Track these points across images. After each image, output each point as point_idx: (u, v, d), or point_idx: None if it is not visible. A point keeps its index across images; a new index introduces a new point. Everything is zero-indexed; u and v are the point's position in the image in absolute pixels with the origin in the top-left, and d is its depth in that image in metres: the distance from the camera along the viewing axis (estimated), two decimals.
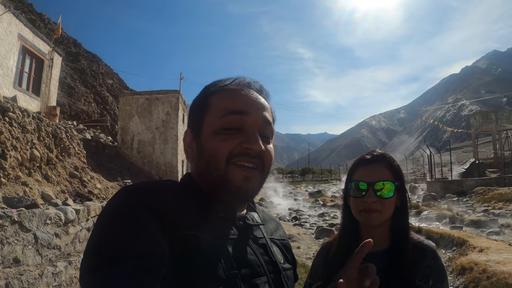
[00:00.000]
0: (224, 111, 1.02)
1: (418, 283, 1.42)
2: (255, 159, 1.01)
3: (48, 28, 38.93)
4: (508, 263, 6.83)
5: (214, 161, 1.00)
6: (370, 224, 1.53)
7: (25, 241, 5.26)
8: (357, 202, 1.54)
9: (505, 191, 19.16)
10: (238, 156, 0.99)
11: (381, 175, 1.52)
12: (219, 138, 1.00)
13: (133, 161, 22.72)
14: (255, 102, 1.07)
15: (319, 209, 23.12)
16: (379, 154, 1.61)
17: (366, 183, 1.51)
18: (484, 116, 37.55)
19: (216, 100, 1.07)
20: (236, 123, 1.02)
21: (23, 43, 15.14)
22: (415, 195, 25.66)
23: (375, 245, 1.56)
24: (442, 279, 1.45)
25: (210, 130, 1.03)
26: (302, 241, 12.02)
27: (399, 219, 1.56)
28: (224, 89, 1.09)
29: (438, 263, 1.47)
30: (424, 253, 1.49)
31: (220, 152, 0.99)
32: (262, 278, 0.99)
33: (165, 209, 0.90)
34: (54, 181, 10.25)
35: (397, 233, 1.54)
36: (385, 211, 1.50)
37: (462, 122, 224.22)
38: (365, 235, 1.56)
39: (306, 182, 55.43)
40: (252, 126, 1.03)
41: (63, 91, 33.39)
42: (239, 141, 1.00)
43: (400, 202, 1.55)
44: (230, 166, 0.99)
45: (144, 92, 24.50)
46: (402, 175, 1.59)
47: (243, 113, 1.03)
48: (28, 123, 10.13)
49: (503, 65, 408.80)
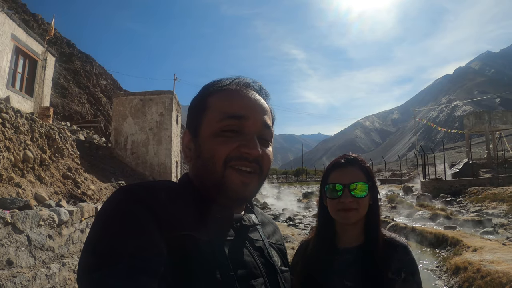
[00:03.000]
0: (223, 114, 1.02)
1: (391, 276, 1.50)
2: (253, 163, 1.01)
3: (41, 28, 38.73)
4: (502, 262, 6.87)
5: (212, 163, 0.99)
6: (347, 222, 1.63)
7: (18, 243, 5.23)
8: (334, 203, 1.64)
9: (498, 191, 19.28)
10: (236, 159, 0.99)
11: (355, 176, 1.63)
12: (218, 141, 1.00)
13: (126, 162, 22.61)
14: (254, 105, 1.06)
15: (313, 209, 23.15)
16: (352, 157, 1.72)
17: (342, 184, 1.62)
18: (478, 117, 37.77)
19: (215, 101, 1.06)
20: (235, 126, 1.01)
21: (16, 43, 15.05)
22: (409, 196, 25.76)
23: (350, 242, 1.64)
24: (414, 272, 1.52)
25: (208, 131, 1.02)
26: (296, 242, 12.02)
27: (372, 217, 1.67)
28: (223, 89, 1.09)
29: (409, 257, 1.55)
30: (395, 248, 1.57)
31: (218, 154, 0.99)
32: (259, 280, 0.99)
33: (162, 209, 0.90)
34: (47, 182, 10.19)
35: (370, 229, 1.65)
36: (360, 209, 1.61)
37: (455, 123, 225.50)
38: (341, 232, 1.70)
39: (300, 182, 55.49)
40: (251, 130, 1.02)
41: (57, 92, 33.26)
42: (237, 144, 0.99)
43: (372, 200, 1.67)
44: (228, 169, 0.99)
45: (138, 93, 24.40)
46: (373, 176, 1.72)
47: (242, 117, 1.02)
48: (21, 124, 10.07)
49: (496, 66, 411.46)
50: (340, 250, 1.65)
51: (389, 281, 1.48)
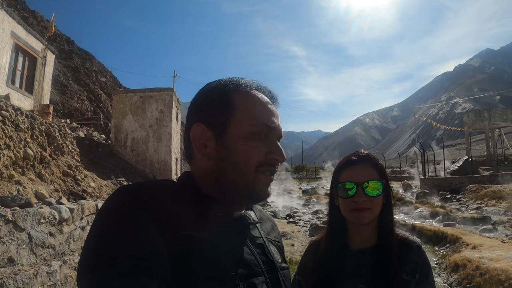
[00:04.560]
0: (257, 120, 1.03)
1: (405, 277, 1.47)
2: (274, 167, 1.05)
3: (41, 25, 38.63)
4: (501, 260, 6.89)
5: (244, 167, 1.00)
6: (361, 222, 1.57)
7: (20, 241, 5.23)
8: (347, 202, 1.57)
9: (498, 189, 19.26)
10: (265, 165, 1.02)
11: (368, 175, 1.57)
12: (251, 145, 1.01)
13: (126, 159, 22.61)
14: (276, 113, 1.10)
15: (313, 206, 23.18)
16: (365, 154, 1.66)
17: (354, 183, 1.55)
18: (477, 114, 37.77)
19: (245, 103, 1.05)
20: (264, 132, 1.03)
21: (16, 40, 15.03)
22: (408, 193, 25.76)
23: (363, 243, 1.60)
24: (428, 273, 1.50)
25: (240, 133, 1.01)
26: (296, 239, 12.03)
27: (385, 216, 1.62)
28: (250, 93, 1.08)
29: (423, 257, 1.53)
30: (409, 249, 1.54)
31: (252, 159, 1.00)
32: (260, 278, 1.00)
33: (163, 209, 0.90)
34: (47, 179, 10.20)
35: (383, 229, 1.61)
36: (374, 209, 1.55)
37: (455, 120, 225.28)
38: (353, 233, 1.64)
39: (299, 179, 55.38)
40: (275, 137, 1.06)
41: (56, 89, 33.18)
42: (267, 150, 1.02)
43: (385, 199, 1.61)
44: (258, 174, 1.01)
45: (138, 90, 24.40)
46: (387, 174, 1.65)
47: (271, 127, 1.04)
48: (21, 121, 10.07)
49: (496, 63, 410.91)
50: (353, 251, 1.61)
51: (404, 283, 1.46)
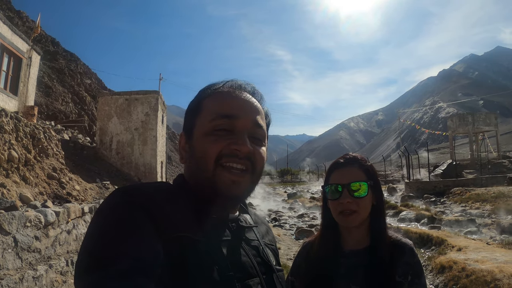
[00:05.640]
0: (215, 114, 1.04)
1: (398, 279, 1.48)
2: (244, 160, 1.02)
3: (26, 26, 38.21)
4: (486, 261, 6.96)
5: (204, 162, 1.01)
6: (349, 225, 1.61)
7: (5, 245, 5.16)
8: (335, 204, 1.61)
9: (482, 192, 19.48)
10: (226, 157, 1.01)
11: (354, 176, 1.60)
12: (209, 139, 1.02)
13: (111, 162, 22.39)
14: (245, 105, 1.09)
15: (298, 210, 23.22)
16: (352, 156, 1.70)
17: (341, 185, 1.59)
18: (461, 119, 38.39)
19: (208, 103, 1.08)
20: (226, 125, 1.03)
21: (1, 41, 14.80)
22: (393, 196, 25.96)
23: (356, 244, 1.61)
24: (420, 275, 1.51)
25: (201, 131, 1.04)
26: (283, 242, 12.05)
27: (377, 218, 1.64)
28: (216, 92, 1.11)
29: (416, 259, 1.54)
30: (402, 251, 1.55)
31: (209, 153, 1.00)
32: (255, 279, 1.00)
33: (159, 211, 0.91)
34: (32, 182, 10.05)
35: (376, 231, 1.62)
36: (361, 211, 1.57)
37: (439, 124, 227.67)
38: (346, 234, 1.67)
39: (284, 183, 55.46)
40: (242, 129, 1.04)
41: (41, 90, 32.81)
42: (228, 142, 1.01)
43: (376, 201, 1.64)
44: (218, 168, 1.00)
45: (123, 93, 24.22)
46: (376, 175, 1.68)
47: (233, 117, 1.04)
48: (5, 123, 9.93)
49: (479, 69, 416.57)
50: (346, 253, 1.62)
51: (396, 285, 1.47)
